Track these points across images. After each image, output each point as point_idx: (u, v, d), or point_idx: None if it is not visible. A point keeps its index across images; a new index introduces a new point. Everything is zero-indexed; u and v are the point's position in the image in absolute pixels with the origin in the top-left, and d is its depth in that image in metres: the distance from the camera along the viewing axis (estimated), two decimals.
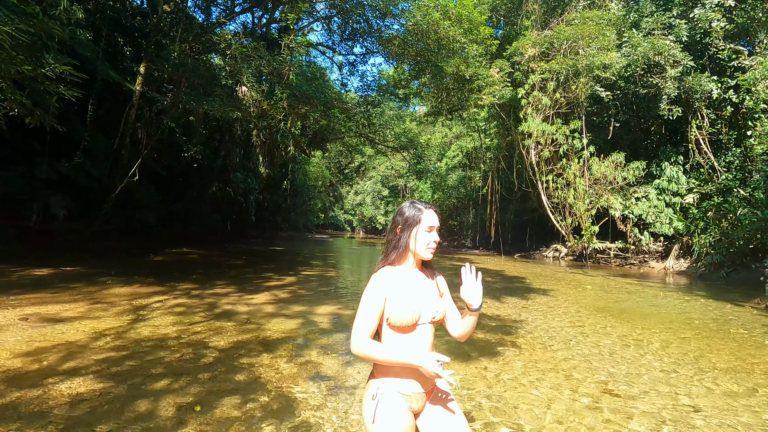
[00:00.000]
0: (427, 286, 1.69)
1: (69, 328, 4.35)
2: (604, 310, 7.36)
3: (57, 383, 2.97)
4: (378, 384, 1.58)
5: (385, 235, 1.75)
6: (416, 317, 1.56)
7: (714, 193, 16.55)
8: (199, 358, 3.74)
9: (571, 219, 18.15)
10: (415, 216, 1.65)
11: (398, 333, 1.57)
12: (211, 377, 3.29)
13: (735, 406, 3.25)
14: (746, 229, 13.17)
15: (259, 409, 2.80)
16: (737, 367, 4.32)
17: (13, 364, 3.28)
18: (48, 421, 2.44)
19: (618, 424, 2.83)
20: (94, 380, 3.07)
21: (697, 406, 3.21)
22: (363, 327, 1.53)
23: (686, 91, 16.45)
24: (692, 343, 5.25)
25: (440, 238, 1.80)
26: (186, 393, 2.96)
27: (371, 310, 1.55)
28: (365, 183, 54.34)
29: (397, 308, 1.54)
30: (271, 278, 9.30)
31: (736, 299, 9.49)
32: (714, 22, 16.15)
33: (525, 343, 4.86)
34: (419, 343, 1.59)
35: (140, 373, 3.26)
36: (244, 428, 2.54)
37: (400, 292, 1.58)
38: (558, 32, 16.87)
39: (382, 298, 1.57)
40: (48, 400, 2.71)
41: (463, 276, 1.65)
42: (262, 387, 3.17)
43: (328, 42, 16.64)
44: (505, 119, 20.74)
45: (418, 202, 1.70)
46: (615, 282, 12.19)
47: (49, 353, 3.57)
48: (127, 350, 3.81)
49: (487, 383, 3.49)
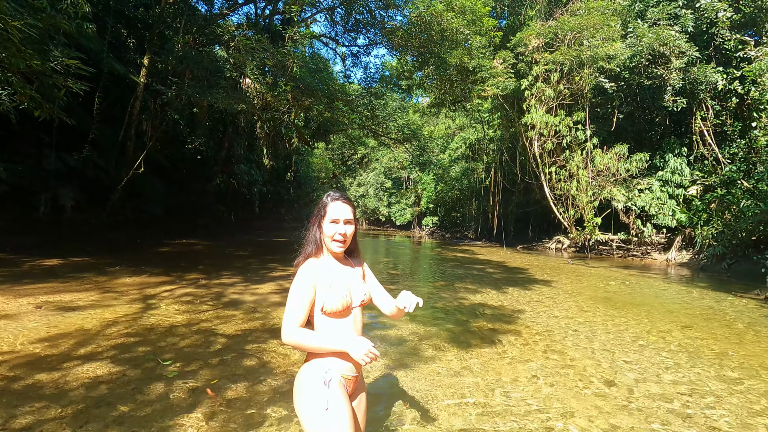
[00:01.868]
0: (351, 273, 1.71)
1: (82, 316, 4.49)
2: (605, 300, 7.45)
3: (75, 367, 3.11)
4: (326, 367, 1.55)
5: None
6: (348, 301, 1.60)
7: (717, 185, 16.50)
8: (209, 344, 3.87)
9: (574, 211, 18.15)
10: (321, 208, 1.66)
11: (333, 319, 1.59)
12: (221, 362, 3.42)
13: (728, 392, 3.35)
14: (749, 221, 13.17)
15: (268, 392, 2.93)
16: (733, 356, 4.41)
17: (32, 349, 3.42)
18: (70, 401, 2.58)
19: (615, 409, 2.94)
20: (109, 364, 3.20)
21: (692, 392, 3.31)
22: (293, 317, 1.53)
23: (691, 82, 16.32)
24: (691, 332, 5.35)
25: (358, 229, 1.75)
26: (198, 377, 3.10)
27: (301, 301, 1.55)
28: (368, 174, 54.26)
29: (329, 296, 1.56)
30: (276, 269, 9.44)
31: (737, 290, 9.56)
32: (720, 12, 15.97)
33: (526, 331, 4.97)
34: (354, 327, 1.64)
35: (153, 359, 3.40)
36: (254, 410, 2.66)
37: (328, 281, 1.60)
38: (562, 23, 16.73)
39: (311, 289, 1.57)
40: (68, 382, 2.85)
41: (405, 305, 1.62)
42: (270, 371, 3.30)
43: (331, 33, 16.60)
44: (509, 110, 20.65)
45: (334, 192, 1.69)
46: (617, 273, 12.27)
47: (64, 339, 3.72)
48: (139, 337, 3.95)
49: (489, 369, 3.61)
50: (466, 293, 7.50)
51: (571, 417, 2.78)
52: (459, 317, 5.58)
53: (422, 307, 1.59)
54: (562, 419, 2.75)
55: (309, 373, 1.56)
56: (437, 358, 3.83)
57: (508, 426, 2.61)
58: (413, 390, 3.09)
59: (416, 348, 4.13)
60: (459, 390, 3.13)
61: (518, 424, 2.64)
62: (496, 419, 2.70)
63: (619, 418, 2.79)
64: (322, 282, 1.59)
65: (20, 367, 3.04)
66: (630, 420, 2.78)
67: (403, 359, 3.76)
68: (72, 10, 6.09)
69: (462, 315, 5.72)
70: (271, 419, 2.53)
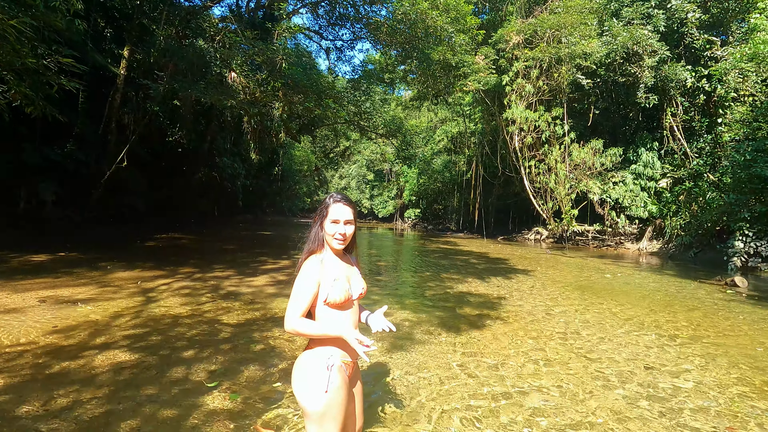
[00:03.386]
0: (350, 269, 1.92)
1: (88, 309, 4.64)
2: (580, 287, 7.96)
3: (95, 355, 3.30)
4: (328, 353, 1.71)
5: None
6: (349, 294, 1.79)
7: (686, 178, 17.42)
8: (216, 333, 4.11)
9: (552, 203, 18.86)
10: (323, 208, 1.82)
11: (336, 310, 1.77)
12: (232, 348, 3.67)
13: (680, 362, 3.80)
14: (714, 212, 14.02)
15: (279, 372, 3.20)
16: (690, 333, 4.91)
17: (49, 340, 3.59)
18: (99, 384, 2.80)
19: (584, 374, 3.34)
20: (128, 352, 3.41)
21: (649, 364, 3.75)
22: (296, 308, 1.67)
23: (662, 80, 17.10)
24: (656, 315, 5.85)
25: (352, 228, 1.86)
26: (212, 361, 3.34)
27: (305, 294, 1.70)
28: (350, 167, 54.32)
29: (333, 288, 1.74)
30: (267, 262, 9.62)
31: (700, 277, 10.28)
32: (690, 12, 16.72)
33: (508, 316, 5.37)
34: (353, 317, 1.84)
35: (167, 346, 3.62)
36: (267, 388, 2.93)
37: (332, 275, 1.76)
38: (542, 20, 17.21)
39: (315, 283, 1.71)
40: (94, 368, 3.06)
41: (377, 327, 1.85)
42: (278, 355, 3.57)
43: (315, 26, 16.59)
44: (490, 105, 21.14)
45: (336, 194, 1.83)
46: (592, 262, 12.91)
47: (76, 331, 3.89)
48: (148, 327, 4.14)
49: (474, 349, 3.96)
50: (452, 283, 7.89)
51: (539, 380, 3.16)
52: (446, 305, 5.94)
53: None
54: (537, 385, 3.12)
55: (311, 358, 1.73)
56: (429, 341, 4.17)
57: (490, 394, 2.96)
58: (408, 369, 3.41)
59: (409, 333, 4.45)
60: (451, 369, 3.47)
61: (499, 389, 2.99)
62: (482, 390, 3.05)
63: (585, 381, 3.19)
64: (327, 276, 1.76)
65: (45, 355, 3.23)
66: (593, 384, 3.17)
67: (398, 343, 4.08)
68: (65, 7, 6.08)
69: (449, 303, 6.09)
70: (285, 395, 2.81)
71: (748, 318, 5.92)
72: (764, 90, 14.37)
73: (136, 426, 2.32)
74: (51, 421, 2.31)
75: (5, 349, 3.32)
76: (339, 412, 1.67)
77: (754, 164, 12.35)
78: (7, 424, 2.25)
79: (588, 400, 2.96)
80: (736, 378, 3.54)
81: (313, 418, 1.65)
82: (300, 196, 51.45)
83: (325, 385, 1.63)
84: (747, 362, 3.97)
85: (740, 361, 4.00)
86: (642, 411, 2.84)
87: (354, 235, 1.90)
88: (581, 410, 2.81)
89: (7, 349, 3.34)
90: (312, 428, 1.67)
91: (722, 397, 3.15)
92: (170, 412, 2.49)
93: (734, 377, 3.56)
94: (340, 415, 1.68)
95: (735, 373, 3.67)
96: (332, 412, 1.65)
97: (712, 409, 2.93)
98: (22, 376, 2.86)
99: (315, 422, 1.65)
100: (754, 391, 3.30)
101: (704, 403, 3.02)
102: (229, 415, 2.50)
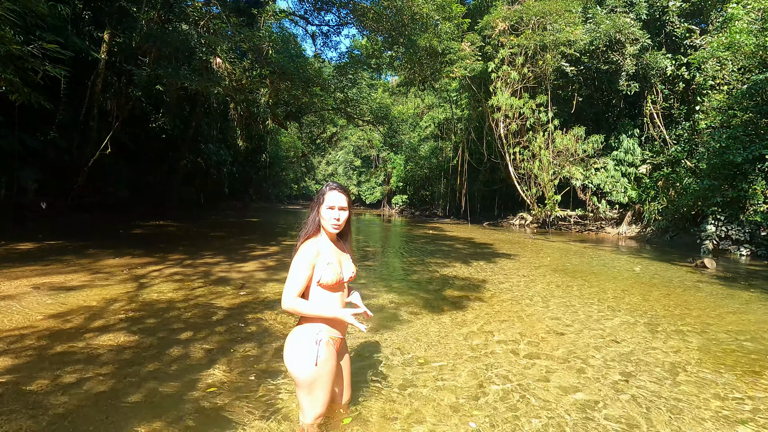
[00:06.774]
0: (342, 254, 2.10)
1: (82, 295, 4.75)
2: (561, 270, 8.31)
3: (95, 337, 3.45)
4: (317, 329, 1.88)
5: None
6: (340, 276, 1.97)
7: (664, 164, 17.94)
8: (210, 315, 4.28)
9: (536, 189, 19.26)
10: (320, 195, 2.00)
11: (328, 291, 1.96)
12: (227, 329, 3.85)
13: (647, 338, 4.12)
14: (690, 198, 14.54)
15: (273, 351, 3.39)
16: (658, 312, 5.26)
17: (48, 324, 3.71)
18: (103, 363, 2.96)
19: (560, 352, 3.62)
20: (126, 334, 3.57)
21: (618, 338, 4.05)
22: (293, 288, 1.85)
23: (643, 68, 17.45)
24: (630, 295, 6.21)
25: (348, 214, 2.06)
26: (209, 341, 3.52)
27: (301, 275, 1.87)
28: (337, 153, 54.11)
29: (326, 271, 1.92)
30: (255, 248, 9.75)
31: (674, 260, 10.77)
32: (671, 1, 17.00)
33: (490, 297, 5.64)
34: (341, 298, 2.03)
35: (164, 329, 3.78)
36: (264, 365, 3.13)
37: (326, 258, 1.93)
38: (527, 7, 17.31)
39: (310, 265, 1.89)
40: (95, 348, 3.21)
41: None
42: (272, 335, 3.76)
43: (300, 11, 16.39)
44: (476, 91, 21.30)
45: (332, 183, 2.02)
46: (574, 246, 13.35)
47: (74, 315, 4.01)
48: (144, 311, 4.29)
49: (456, 329, 4.22)
50: (437, 267, 8.16)
51: (517, 344, 3.42)
52: (431, 287, 6.20)
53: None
54: (512, 349, 3.39)
55: (302, 333, 1.90)
56: (413, 321, 4.41)
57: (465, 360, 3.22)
58: (393, 346, 3.64)
59: (395, 314, 4.68)
60: (433, 345, 3.72)
61: (470, 353, 3.24)
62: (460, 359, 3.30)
63: (541, 335, 3.46)
64: (321, 260, 1.93)
65: (46, 338, 3.36)
66: (564, 350, 3.45)
67: (384, 322, 4.31)
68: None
69: (434, 285, 6.34)
70: (280, 371, 3.01)
71: (708, 295, 6.33)
72: (740, 78, 14.80)
73: (141, 399, 2.50)
74: (61, 396, 2.48)
75: (8, 333, 3.44)
76: (327, 381, 1.88)
77: (727, 151, 12.82)
78: (22, 398, 2.41)
79: (541, 343, 3.24)
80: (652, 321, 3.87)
81: (304, 386, 1.87)
82: (287, 182, 51.19)
83: (314, 357, 1.82)
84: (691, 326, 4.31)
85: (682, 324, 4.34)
86: (576, 334, 3.13)
87: (348, 221, 2.08)
88: (537, 353, 3.08)
89: (9, 332, 3.46)
90: (303, 395, 1.90)
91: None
92: (172, 386, 2.67)
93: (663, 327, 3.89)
94: (328, 384, 1.90)
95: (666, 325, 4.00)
96: (321, 381, 1.86)
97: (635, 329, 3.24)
98: (29, 356, 3.01)
99: (305, 390, 1.87)
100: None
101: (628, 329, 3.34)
102: (228, 388, 2.69)
